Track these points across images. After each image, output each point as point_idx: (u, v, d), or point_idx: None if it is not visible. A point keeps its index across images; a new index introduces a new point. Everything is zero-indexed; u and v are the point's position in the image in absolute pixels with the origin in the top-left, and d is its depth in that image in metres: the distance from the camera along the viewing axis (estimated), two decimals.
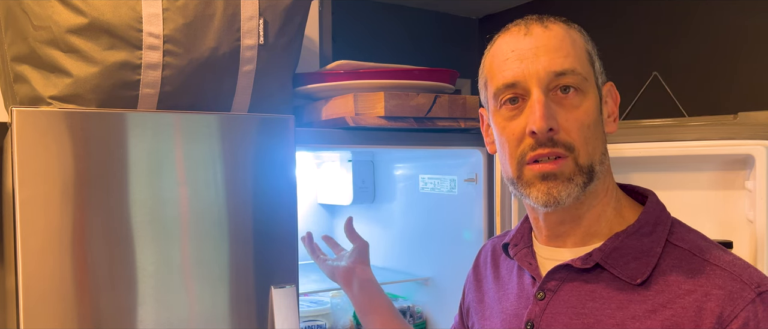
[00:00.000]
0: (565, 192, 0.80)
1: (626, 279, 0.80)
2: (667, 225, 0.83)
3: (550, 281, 0.85)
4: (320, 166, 1.93)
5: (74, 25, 1.02)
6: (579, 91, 0.81)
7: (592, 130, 0.81)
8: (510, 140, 0.83)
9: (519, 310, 0.88)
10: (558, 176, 0.80)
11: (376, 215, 1.85)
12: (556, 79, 0.80)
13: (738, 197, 1.24)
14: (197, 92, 1.12)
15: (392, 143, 1.33)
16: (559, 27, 0.83)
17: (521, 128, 0.81)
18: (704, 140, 1.23)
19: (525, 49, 0.81)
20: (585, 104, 0.81)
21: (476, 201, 1.47)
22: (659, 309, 0.76)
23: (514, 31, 0.84)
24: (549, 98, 0.80)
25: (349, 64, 1.30)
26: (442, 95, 1.30)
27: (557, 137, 0.79)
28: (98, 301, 0.98)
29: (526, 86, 0.81)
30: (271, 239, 1.11)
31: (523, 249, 0.92)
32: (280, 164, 1.12)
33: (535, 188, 0.81)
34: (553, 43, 0.81)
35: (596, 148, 0.82)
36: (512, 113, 0.83)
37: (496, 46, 0.86)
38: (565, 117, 0.80)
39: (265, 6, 1.16)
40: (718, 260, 0.78)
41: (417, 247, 1.71)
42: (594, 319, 0.80)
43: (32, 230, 0.93)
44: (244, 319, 1.09)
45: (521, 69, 0.81)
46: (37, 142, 0.94)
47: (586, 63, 0.83)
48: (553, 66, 0.80)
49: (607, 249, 0.82)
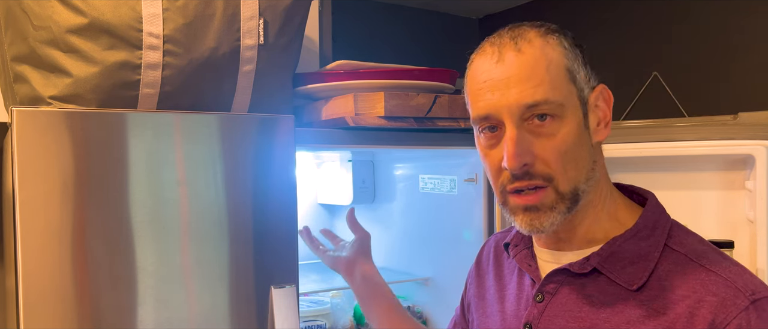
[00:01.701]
0: (547, 222, 0.80)
1: (623, 284, 0.80)
2: (665, 229, 0.83)
3: (548, 284, 0.85)
4: (320, 166, 1.93)
5: (74, 25, 1.02)
6: (556, 117, 0.79)
7: (572, 154, 0.80)
8: (491, 169, 0.84)
9: (518, 311, 0.89)
10: (539, 207, 0.80)
11: (376, 215, 1.85)
12: (528, 110, 0.78)
13: (738, 197, 1.24)
14: (197, 92, 1.12)
15: (392, 143, 1.33)
16: (533, 49, 0.79)
17: (499, 159, 0.81)
18: (704, 140, 1.23)
19: (496, 79, 0.79)
20: (562, 130, 0.79)
21: (476, 201, 1.47)
22: (654, 315, 0.76)
23: (489, 54, 0.82)
24: (524, 129, 0.79)
25: (349, 64, 1.30)
26: (442, 95, 1.30)
27: (534, 170, 0.79)
28: (98, 301, 0.98)
29: (500, 118, 0.80)
30: (271, 239, 1.11)
31: (523, 250, 0.92)
32: (280, 164, 1.12)
33: (518, 217, 0.82)
34: (524, 72, 0.78)
35: (579, 170, 0.80)
36: (491, 141, 0.82)
37: (473, 69, 0.84)
38: (542, 147, 0.79)
39: (265, 6, 1.16)
40: (715, 266, 0.77)
41: (417, 247, 1.71)
42: (590, 323, 0.80)
43: (32, 229, 0.93)
44: (244, 319, 1.09)
45: (493, 102, 0.79)
46: (37, 142, 0.94)
47: (563, 85, 0.80)
48: (525, 98, 0.78)
49: (604, 253, 0.82)
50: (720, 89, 2.21)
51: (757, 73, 2.10)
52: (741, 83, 2.15)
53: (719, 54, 2.20)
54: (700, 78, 2.25)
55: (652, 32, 2.38)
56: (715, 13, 2.20)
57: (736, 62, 2.18)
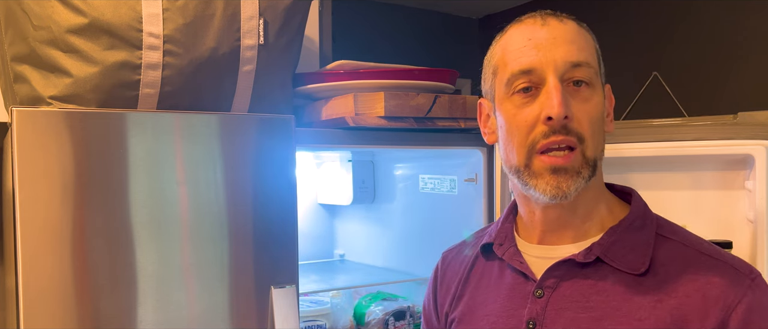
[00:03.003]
0: (573, 186, 0.81)
1: (628, 270, 0.81)
2: (653, 220, 0.86)
3: (548, 278, 0.85)
4: (320, 166, 1.93)
5: (74, 25, 1.02)
6: (590, 85, 0.83)
7: (598, 125, 0.83)
8: (520, 128, 0.83)
9: (512, 311, 0.88)
10: (568, 170, 0.81)
11: (376, 215, 1.85)
12: (571, 69, 0.81)
13: (738, 198, 1.24)
14: (197, 92, 1.12)
15: (392, 143, 1.33)
16: (572, 23, 0.85)
17: (534, 115, 0.82)
18: (704, 140, 1.23)
19: (542, 38, 0.83)
20: (594, 98, 0.83)
21: (476, 201, 1.47)
22: (664, 299, 0.78)
23: (530, 22, 0.85)
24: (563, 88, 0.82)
25: (349, 64, 1.30)
26: (442, 95, 1.30)
27: (571, 126, 0.81)
28: (98, 301, 0.98)
29: (542, 75, 0.82)
30: (271, 239, 1.11)
31: (510, 248, 0.91)
32: (280, 164, 1.12)
33: (543, 180, 0.82)
34: (569, 35, 0.83)
35: (600, 143, 0.84)
36: (525, 100, 0.83)
37: (509, 35, 0.87)
38: (578, 108, 0.81)
39: (265, 6, 1.16)
40: (710, 251, 0.81)
41: (417, 247, 1.71)
42: (601, 312, 0.80)
43: (32, 229, 0.93)
44: (244, 319, 1.09)
45: (538, 57, 0.82)
46: (37, 142, 0.94)
47: (596, 60, 0.85)
48: (570, 56, 0.81)
49: (605, 243, 0.83)
50: (720, 89, 2.21)
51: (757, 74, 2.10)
52: (741, 83, 2.15)
53: (719, 54, 2.20)
54: (700, 78, 2.25)
55: (652, 32, 2.38)
56: (716, 14, 2.20)
57: (736, 62, 2.18)
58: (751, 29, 2.12)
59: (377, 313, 1.61)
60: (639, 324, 0.78)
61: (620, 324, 0.79)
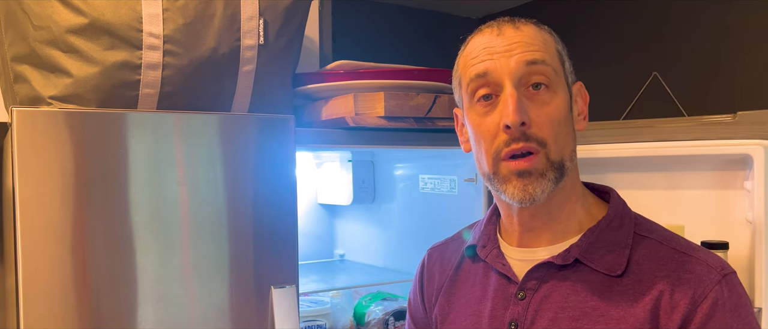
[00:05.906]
0: (539, 189, 0.82)
1: (605, 271, 0.83)
2: (631, 218, 0.87)
3: (529, 280, 0.87)
4: (320, 166, 1.93)
5: (74, 25, 1.02)
6: (549, 88, 0.83)
7: (562, 126, 0.83)
8: (485, 137, 0.85)
9: (495, 312, 0.89)
10: (532, 172, 0.82)
11: (376, 215, 1.85)
12: (527, 71, 0.82)
13: (737, 198, 1.24)
14: (197, 92, 1.13)
15: (392, 143, 1.33)
16: (530, 27, 0.85)
17: (495, 123, 0.83)
18: (703, 139, 1.23)
19: (497, 45, 0.84)
20: (555, 100, 0.83)
21: (476, 201, 1.47)
22: (640, 297, 0.80)
23: (487, 32, 0.87)
24: (520, 94, 0.82)
25: (349, 64, 1.30)
26: (442, 95, 1.30)
27: (529, 132, 0.81)
28: (98, 301, 0.98)
29: (499, 80, 0.83)
30: (271, 239, 1.11)
31: (492, 250, 0.93)
32: (280, 164, 1.12)
33: (510, 184, 0.83)
34: (526, 39, 0.84)
35: (566, 144, 0.84)
36: (486, 109, 0.85)
37: (470, 46, 0.88)
38: (537, 113, 0.82)
39: (265, 6, 1.16)
40: (685, 247, 0.82)
41: (417, 247, 1.71)
42: (579, 312, 0.82)
43: (32, 229, 0.93)
44: (244, 319, 1.09)
45: (493, 63, 0.83)
46: (37, 142, 0.94)
47: (556, 60, 0.85)
48: (525, 57, 0.82)
49: (583, 244, 0.85)
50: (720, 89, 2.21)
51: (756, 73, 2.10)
52: (740, 83, 2.15)
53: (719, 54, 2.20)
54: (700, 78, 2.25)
55: (652, 32, 2.38)
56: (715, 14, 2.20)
57: (736, 62, 2.18)
58: (751, 29, 2.12)
59: (377, 313, 1.62)
60: (616, 324, 0.79)
61: (597, 324, 0.80)
